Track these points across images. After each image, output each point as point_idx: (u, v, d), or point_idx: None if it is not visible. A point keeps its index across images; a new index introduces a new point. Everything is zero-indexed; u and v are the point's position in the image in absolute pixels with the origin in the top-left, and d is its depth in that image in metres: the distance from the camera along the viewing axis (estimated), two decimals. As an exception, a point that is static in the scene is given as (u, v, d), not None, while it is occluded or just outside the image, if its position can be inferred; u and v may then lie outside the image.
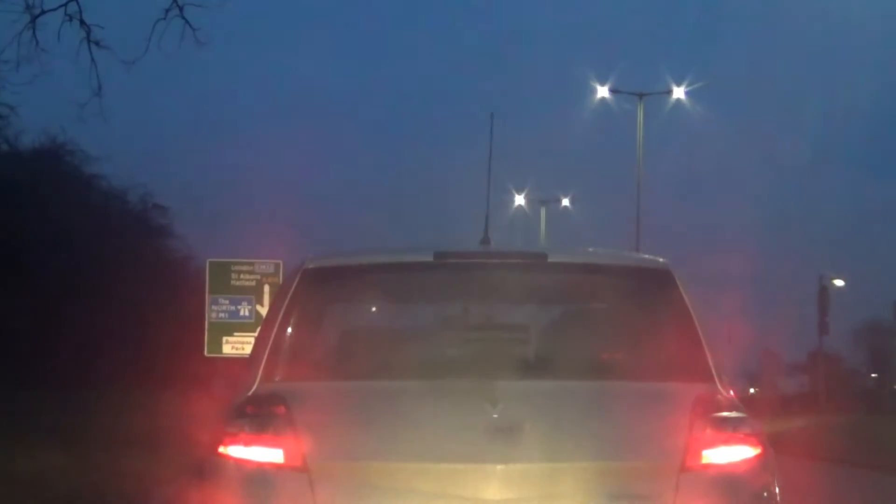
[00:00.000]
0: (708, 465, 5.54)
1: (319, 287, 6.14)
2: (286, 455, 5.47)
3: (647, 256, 6.51)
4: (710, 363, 5.86)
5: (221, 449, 5.55)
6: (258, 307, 21.90)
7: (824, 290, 46.66)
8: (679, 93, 40.50)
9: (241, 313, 22.10)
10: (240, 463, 5.51)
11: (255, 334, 22.94)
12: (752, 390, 60.49)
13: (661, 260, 6.30)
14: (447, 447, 5.42)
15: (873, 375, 65.54)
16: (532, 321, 6.34)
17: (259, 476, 5.49)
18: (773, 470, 5.74)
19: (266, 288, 21.97)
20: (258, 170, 71.12)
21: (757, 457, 5.63)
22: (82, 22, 16.51)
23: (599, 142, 62.68)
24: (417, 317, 6.71)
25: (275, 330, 5.95)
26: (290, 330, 5.98)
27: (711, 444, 5.55)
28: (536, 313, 6.57)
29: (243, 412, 5.62)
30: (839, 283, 50.22)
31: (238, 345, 21.95)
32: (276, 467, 5.48)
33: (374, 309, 6.64)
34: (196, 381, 25.62)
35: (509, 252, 6.36)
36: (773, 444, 5.83)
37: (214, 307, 22.25)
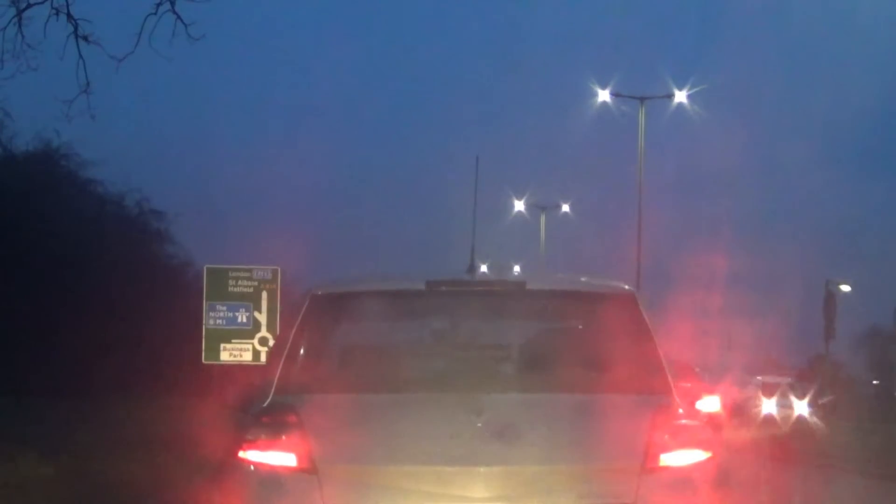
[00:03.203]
0: (665, 468, 6.48)
1: (325, 310, 7.01)
2: (298, 459, 6.40)
3: (613, 283, 7.37)
4: (669, 377, 6.72)
5: (241, 454, 6.50)
6: (256, 314, 21.87)
7: (831, 295, 46.53)
8: (681, 96, 40.05)
9: (239, 320, 21.93)
10: (256, 466, 6.46)
11: (254, 341, 23.06)
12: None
13: (626, 287, 7.23)
14: (438, 452, 6.35)
15: (875, 382, 65.68)
16: (512, 341, 7.25)
17: (273, 477, 6.42)
18: (723, 471, 6.64)
19: (264, 294, 21.85)
20: (256, 177, 71.66)
21: (709, 459, 6.57)
22: (69, 16, 16.14)
23: (600, 146, 62.24)
24: (412, 337, 7.55)
25: (287, 348, 6.84)
26: (300, 348, 6.86)
27: (668, 448, 6.48)
28: (516, 334, 7.45)
29: (260, 421, 6.55)
30: (845, 288, 49.89)
31: (236, 351, 21.87)
32: (289, 470, 6.41)
33: (373, 329, 7.47)
34: (194, 388, 25.59)
35: (492, 281, 7.47)
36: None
37: (212, 314, 22.09)
